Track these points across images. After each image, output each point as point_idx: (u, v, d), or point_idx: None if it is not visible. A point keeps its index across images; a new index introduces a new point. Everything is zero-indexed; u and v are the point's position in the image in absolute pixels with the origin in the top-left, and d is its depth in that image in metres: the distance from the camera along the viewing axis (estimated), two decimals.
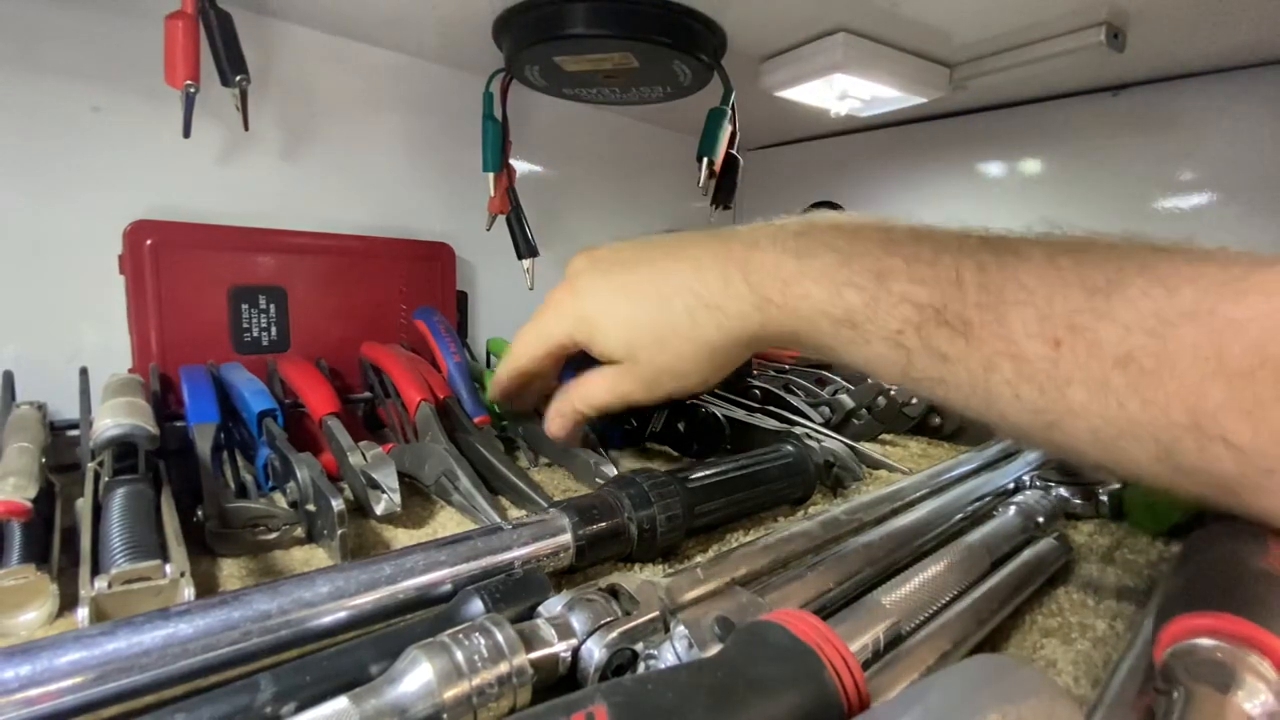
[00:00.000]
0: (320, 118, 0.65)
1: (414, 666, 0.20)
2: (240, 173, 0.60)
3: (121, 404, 0.40)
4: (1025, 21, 0.58)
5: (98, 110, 0.53)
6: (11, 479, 0.32)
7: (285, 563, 0.36)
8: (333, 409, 0.46)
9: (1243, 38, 0.60)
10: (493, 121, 0.64)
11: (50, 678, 0.20)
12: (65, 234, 0.52)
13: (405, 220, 0.71)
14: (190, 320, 0.55)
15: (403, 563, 0.28)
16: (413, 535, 0.40)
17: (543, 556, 0.31)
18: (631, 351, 0.37)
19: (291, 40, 0.61)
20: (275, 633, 0.24)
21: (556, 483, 0.48)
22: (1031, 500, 0.40)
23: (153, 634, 0.22)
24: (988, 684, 0.18)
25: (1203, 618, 0.20)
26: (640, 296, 0.37)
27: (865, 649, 0.25)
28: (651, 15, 0.54)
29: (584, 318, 0.39)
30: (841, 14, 0.58)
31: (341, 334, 0.63)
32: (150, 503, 0.34)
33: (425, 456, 0.44)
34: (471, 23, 0.59)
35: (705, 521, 0.39)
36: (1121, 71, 0.70)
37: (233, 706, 0.19)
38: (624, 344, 0.37)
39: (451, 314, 0.72)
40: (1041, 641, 0.30)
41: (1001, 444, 0.59)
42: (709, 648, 0.23)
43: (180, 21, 0.46)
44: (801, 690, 0.18)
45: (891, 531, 0.35)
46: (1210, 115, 0.68)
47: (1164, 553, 0.40)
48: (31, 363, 0.50)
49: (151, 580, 0.27)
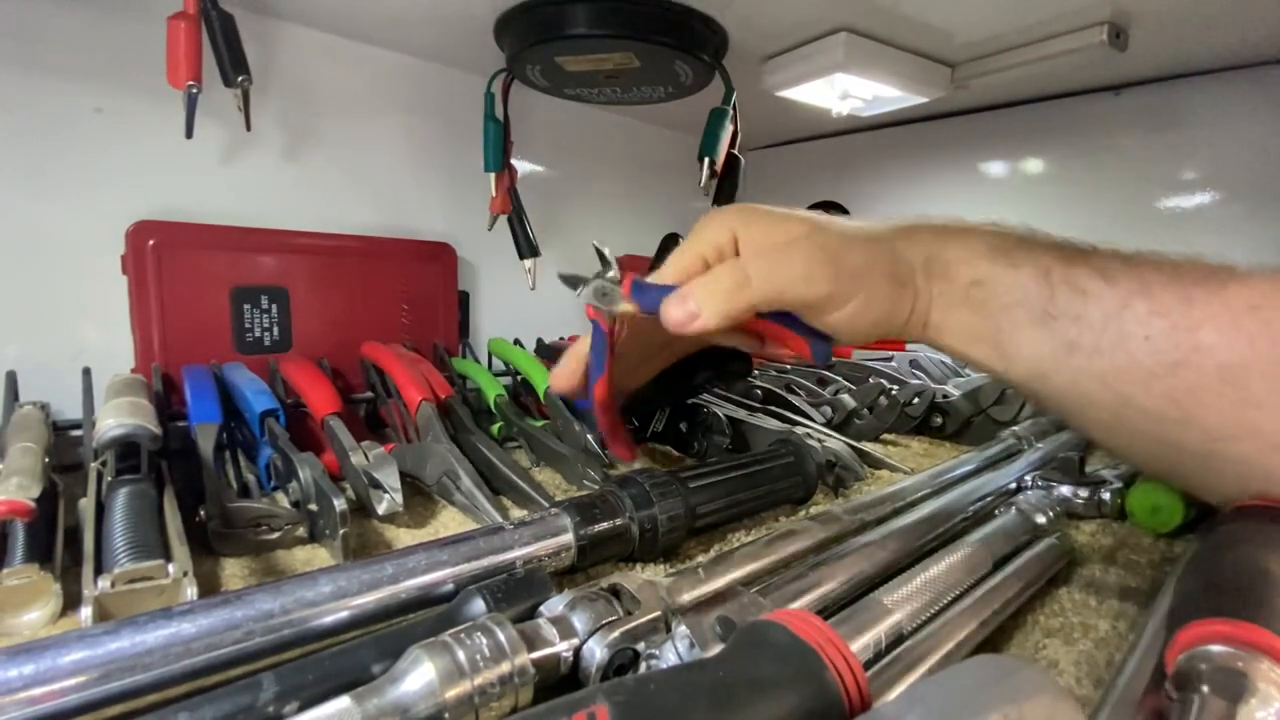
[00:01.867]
0: (322, 118, 0.65)
1: (416, 666, 0.20)
2: (242, 173, 0.60)
3: (124, 404, 0.40)
4: (1027, 21, 0.58)
5: (100, 111, 0.53)
6: (15, 479, 0.32)
7: (287, 562, 0.36)
8: (335, 409, 0.46)
9: (1245, 37, 0.60)
10: (494, 122, 0.65)
11: (53, 677, 0.20)
12: (68, 234, 0.52)
13: (407, 220, 0.71)
14: (192, 320, 0.55)
15: (404, 562, 0.28)
16: (414, 535, 0.40)
17: (544, 556, 0.31)
18: (792, 243, 0.32)
19: (293, 40, 0.61)
20: (278, 632, 0.24)
21: (558, 483, 0.48)
22: (1034, 500, 0.40)
23: (155, 633, 0.22)
24: (990, 684, 0.18)
25: (1219, 624, 0.20)
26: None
27: (867, 649, 0.25)
28: (653, 15, 0.54)
29: (742, 215, 0.34)
30: (843, 14, 0.58)
31: (343, 334, 0.63)
32: (153, 502, 0.34)
33: (427, 456, 0.44)
34: (473, 23, 0.59)
35: (707, 521, 0.39)
36: (1124, 71, 0.69)
37: (235, 706, 0.19)
38: (786, 233, 0.32)
39: (453, 314, 0.72)
40: (1044, 642, 0.30)
41: (1004, 444, 0.59)
42: (710, 648, 0.23)
43: (182, 22, 0.46)
44: (803, 690, 0.18)
45: (893, 531, 0.35)
46: (1213, 114, 0.68)
47: (1167, 553, 0.40)
48: (34, 363, 0.50)
49: (154, 580, 0.28)
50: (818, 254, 0.32)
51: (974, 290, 0.32)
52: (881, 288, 0.32)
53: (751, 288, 0.31)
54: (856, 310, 0.32)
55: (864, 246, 0.33)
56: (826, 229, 0.33)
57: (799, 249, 0.32)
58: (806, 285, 0.31)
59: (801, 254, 0.31)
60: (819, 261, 0.31)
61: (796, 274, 0.31)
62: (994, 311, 0.32)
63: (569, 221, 0.87)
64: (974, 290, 0.32)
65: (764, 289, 0.31)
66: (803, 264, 0.31)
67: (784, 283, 0.31)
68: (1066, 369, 0.30)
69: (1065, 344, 0.30)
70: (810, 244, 0.32)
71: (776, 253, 0.32)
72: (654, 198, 0.97)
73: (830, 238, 0.32)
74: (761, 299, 0.31)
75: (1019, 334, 0.31)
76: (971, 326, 0.33)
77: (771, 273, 0.31)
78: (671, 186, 0.97)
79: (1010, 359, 0.32)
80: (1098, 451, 0.66)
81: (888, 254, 0.33)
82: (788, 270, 0.31)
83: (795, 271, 0.31)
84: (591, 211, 0.90)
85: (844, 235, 0.33)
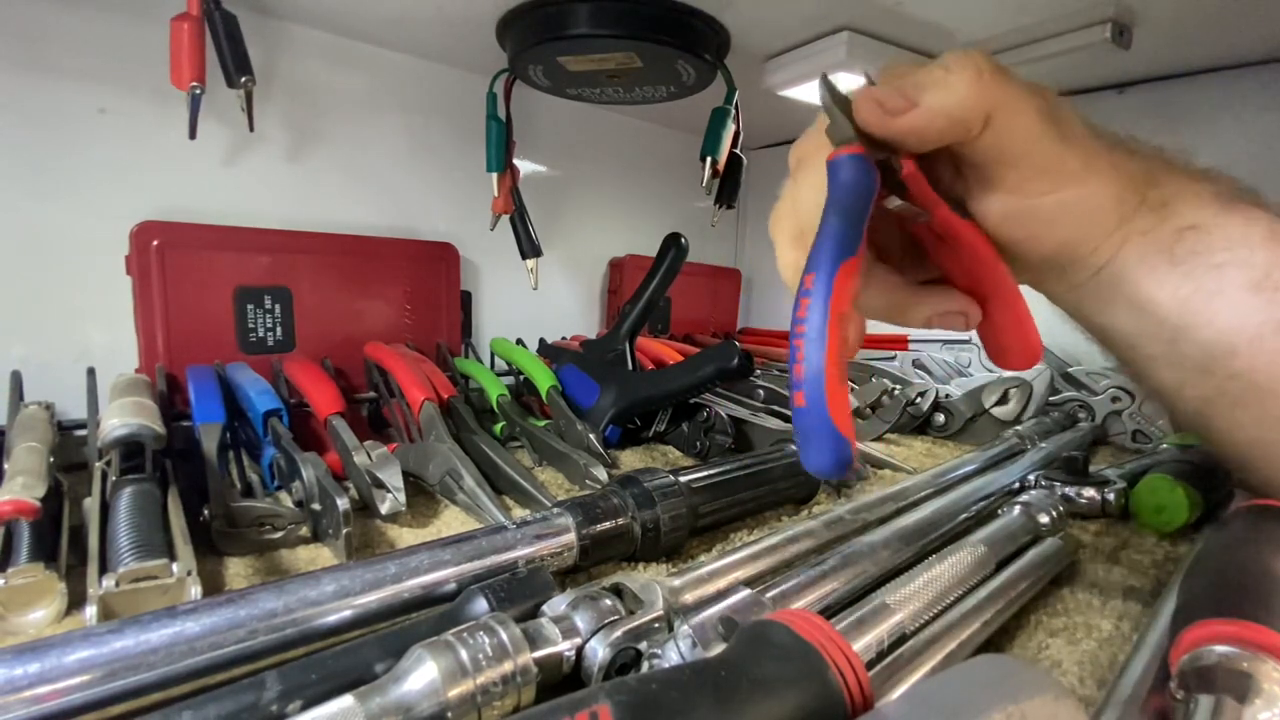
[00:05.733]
0: (325, 118, 0.65)
1: (419, 665, 0.20)
2: (246, 174, 0.60)
3: (128, 404, 0.40)
4: (1030, 19, 0.58)
5: (104, 112, 0.53)
6: (20, 478, 0.32)
7: (291, 562, 0.36)
8: (338, 409, 0.46)
9: (1249, 35, 0.60)
10: (496, 122, 0.65)
11: (58, 675, 0.20)
12: (72, 235, 0.52)
13: (409, 220, 0.71)
14: (196, 320, 0.55)
15: (407, 562, 0.28)
16: (417, 534, 0.40)
17: (547, 556, 0.31)
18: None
19: (296, 41, 0.61)
20: (281, 631, 0.24)
21: (560, 482, 0.49)
22: (1036, 500, 0.40)
23: (159, 632, 0.22)
24: (992, 684, 0.18)
25: (1225, 624, 0.20)
26: None
27: (869, 649, 0.25)
28: (655, 15, 0.54)
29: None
30: (845, 13, 0.58)
31: (346, 334, 0.63)
32: (157, 502, 0.34)
33: (430, 456, 0.44)
34: (475, 23, 0.59)
35: (709, 521, 0.39)
36: (1127, 69, 0.69)
37: (239, 704, 0.19)
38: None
39: (456, 314, 0.72)
40: (1046, 641, 0.30)
41: (1006, 443, 0.59)
42: (713, 647, 0.23)
43: (186, 23, 0.47)
44: (805, 690, 0.18)
45: (896, 531, 0.35)
46: (1217, 113, 0.68)
47: (1170, 553, 0.40)
48: (39, 363, 0.50)
49: (158, 579, 0.28)
50: (1056, 111, 0.25)
51: (1187, 236, 0.26)
52: (1109, 190, 0.26)
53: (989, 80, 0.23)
54: (1071, 202, 0.25)
55: (1095, 136, 0.26)
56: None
57: (1045, 96, 0.25)
58: (1041, 138, 0.24)
59: (1045, 101, 0.25)
60: (1053, 120, 0.25)
61: (1033, 122, 0.24)
62: (1198, 268, 0.26)
63: (571, 221, 0.87)
64: (1187, 236, 0.26)
65: (999, 93, 0.23)
66: (1037, 116, 0.24)
67: (1020, 109, 0.24)
68: (1267, 350, 0.25)
69: (1275, 321, 0.25)
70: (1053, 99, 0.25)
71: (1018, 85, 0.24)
72: (656, 197, 0.97)
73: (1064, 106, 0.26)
74: (994, 103, 0.24)
75: (1224, 298, 0.26)
76: (1166, 283, 0.27)
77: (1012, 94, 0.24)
78: (673, 186, 0.97)
79: (1192, 328, 0.26)
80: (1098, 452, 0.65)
81: (1120, 156, 0.27)
82: (1026, 102, 0.24)
83: (1031, 119, 0.24)
84: (593, 211, 0.90)
85: (1075, 113, 0.26)
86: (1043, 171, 0.25)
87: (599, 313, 0.93)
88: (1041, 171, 0.25)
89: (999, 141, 0.24)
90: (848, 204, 0.23)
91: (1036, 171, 0.25)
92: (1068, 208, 0.26)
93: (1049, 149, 0.25)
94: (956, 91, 0.24)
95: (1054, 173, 0.25)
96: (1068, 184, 0.25)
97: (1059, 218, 0.26)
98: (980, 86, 0.24)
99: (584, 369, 0.59)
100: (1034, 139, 0.25)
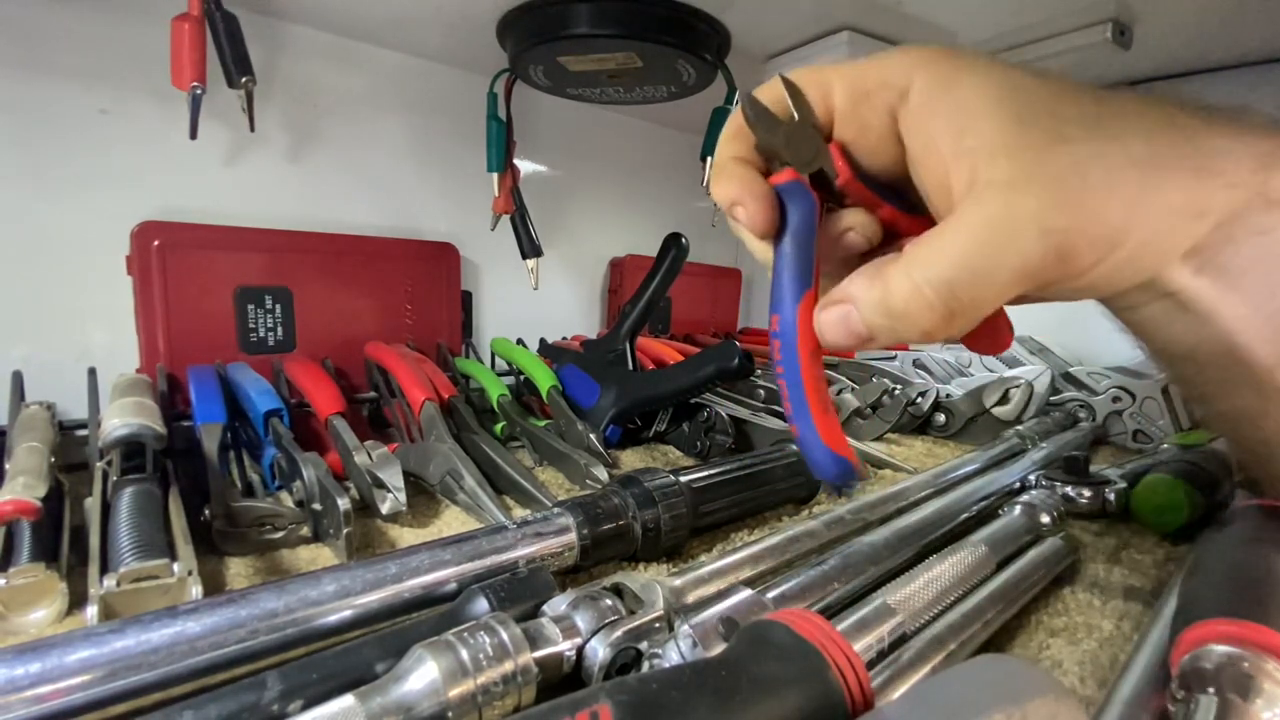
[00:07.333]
0: (325, 118, 0.65)
1: (419, 665, 0.20)
2: (246, 174, 0.60)
3: (129, 404, 0.40)
4: (1031, 19, 0.58)
5: (105, 112, 0.53)
6: (21, 478, 0.33)
7: (291, 562, 0.36)
8: (338, 409, 0.46)
9: (1250, 34, 0.60)
10: (497, 122, 0.65)
11: (59, 675, 0.20)
12: (73, 235, 0.53)
13: (410, 220, 0.71)
14: (197, 320, 0.55)
15: (408, 562, 0.28)
16: (418, 534, 0.40)
17: (547, 556, 0.31)
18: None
19: (297, 41, 0.61)
20: (282, 631, 0.24)
21: (561, 482, 0.49)
22: (1037, 499, 0.40)
23: (160, 632, 0.22)
24: (993, 684, 0.18)
25: (1225, 624, 0.20)
26: None
27: (870, 649, 0.25)
28: (655, 15, 0.54)
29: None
30: (846, 13, 0.58)
31: (347, 334, 0.63)
32: (158, 502, 0.34)
33: (430, 456, 0.44)
34: (475, 23, 0.59)
35: (709, 521, 0.39)
36: (1128, 69, 0.69)
37: (240, 704, 0.19)
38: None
39: (456, 314, 0.72)
40: (1047, 641, 0.30)
41: (1007, 443, 0.59)
42: (713, 647, 0.23)
43: (186, 23, 0.46)
44: (806, 690, 0.18)
45: (896, 531, 0.35)
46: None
47: (1171, 553, 0.40)
48: (40, 363, 0.50)
49: (159, 579, 0.28)
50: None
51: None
52: (1170, 199, 0.21)
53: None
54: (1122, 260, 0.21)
55: (1145, 141, 0.22)
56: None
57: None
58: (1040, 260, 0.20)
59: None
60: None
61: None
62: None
63: (571, 221, 0.87)
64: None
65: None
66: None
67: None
68: None
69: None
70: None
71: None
72: (656, 197, 0.97)
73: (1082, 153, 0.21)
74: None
75: None
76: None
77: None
78: (674, 186, 0.97)
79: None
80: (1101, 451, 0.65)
81: (1188, 149, 0.22)
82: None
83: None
84: (593, 211, 0.90)
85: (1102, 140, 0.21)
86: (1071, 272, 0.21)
87: (599, 313, 0.93)
88: (1069, 273, 0.21)
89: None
90: (796, 229, 0.24)
91: (1065, 276, 0.21)
92: (1121, 265, 0.21)
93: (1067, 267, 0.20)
94: (918, 327, 0.21)
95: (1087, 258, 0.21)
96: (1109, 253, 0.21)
97: (1115, 271, 0.21)
98: (949, 324, 0.21)
99: (584, 369, 0.59)
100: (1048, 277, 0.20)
